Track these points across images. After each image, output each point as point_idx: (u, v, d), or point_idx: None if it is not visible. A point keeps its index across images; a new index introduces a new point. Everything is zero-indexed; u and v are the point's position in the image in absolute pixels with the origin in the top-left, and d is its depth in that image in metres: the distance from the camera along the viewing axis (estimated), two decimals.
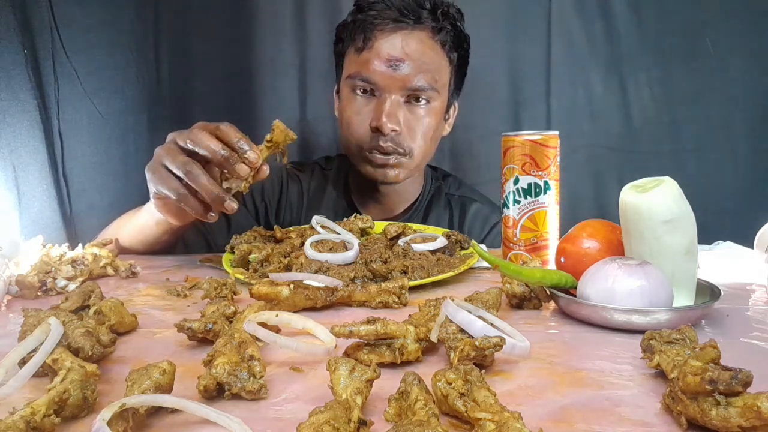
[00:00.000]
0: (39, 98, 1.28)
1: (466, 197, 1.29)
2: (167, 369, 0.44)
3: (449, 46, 1.12)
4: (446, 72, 1.14)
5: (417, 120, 1.12)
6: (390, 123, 1.08)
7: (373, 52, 1.08)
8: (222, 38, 1.44)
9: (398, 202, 1.24)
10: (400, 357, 0.51)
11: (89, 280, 0.83)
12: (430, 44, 1.10)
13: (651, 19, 1.47)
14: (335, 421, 0.36)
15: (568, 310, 0.65)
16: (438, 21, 1.10)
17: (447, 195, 1.29)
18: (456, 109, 1.25)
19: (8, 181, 1.24)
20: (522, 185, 0.83)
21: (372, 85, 1.10)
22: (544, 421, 0.41)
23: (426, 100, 1.11)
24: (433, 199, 1.27)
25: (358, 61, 1.10)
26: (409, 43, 1.08)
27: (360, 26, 1.10)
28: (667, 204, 0.62)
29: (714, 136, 1.50)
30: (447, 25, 1.11)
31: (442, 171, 1.35)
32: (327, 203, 1.26)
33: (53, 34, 1.28)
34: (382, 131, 1.08)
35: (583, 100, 1.51)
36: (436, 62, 1.11)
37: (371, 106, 1.11)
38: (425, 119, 1.12)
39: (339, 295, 0.70)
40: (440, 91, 1.13)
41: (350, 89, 1.13)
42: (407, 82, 1.08)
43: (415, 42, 1.08)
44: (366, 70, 1.09)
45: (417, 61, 1.08)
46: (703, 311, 0.63)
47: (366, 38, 1.09)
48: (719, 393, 0.38)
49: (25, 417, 0.37)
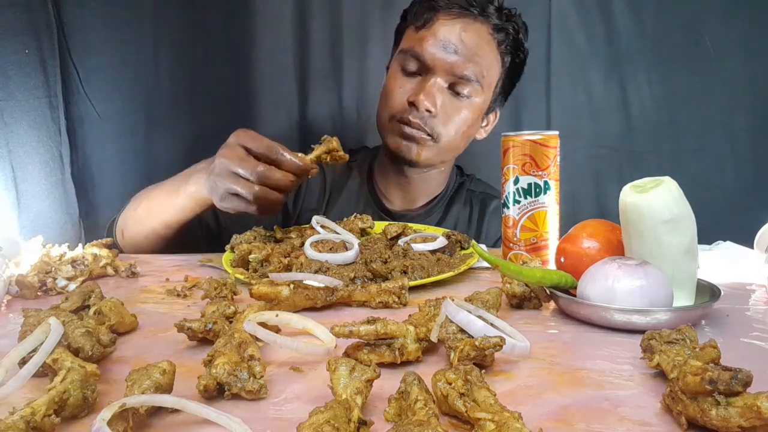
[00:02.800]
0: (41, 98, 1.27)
1: (486, 194, 1.30)
2: (167, 369, 0.44)
3: (506, 48, 1.13)
4: (496, 72, 1.15)
5: (454, 109, 1.12)
6: (427, 101, 1.08)
7: (431, 31, 1.10)
8: (222, 38, 1.44)
9: (422, 191, 1.25)
10: (400, 357, 0.51)
11: (89, 280, 0.83)
12: (487, 39, 1.11)
13: (651, 19, 1.47)
14: (335, 421, 0.36)
15: (568, 310, 0.65)
16: (501, 19, 1.11)
17: (469, 191, 1.30)
18: (497, 117, 1.26)
19: (7, 181, 1.24)
20: (522, 185, 0.83)
21: (421, 63, 1.10)
22: (544, 421, 0.41)
23: (468, 93, 1.11)
24: (456, 194, 1.28)
25: (415, 38, 1.12)
26: (467, 32, 1.09)
27: (426, 6, 1.11)
28: (667, 204, 0.62)
29: (714, 136, 1.50)
30: (509, 28, 1.12)
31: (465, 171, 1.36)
32: (349, 191, 1.26)
33: (58, 34, 1.28)
34: (417, 107, 1.09)
35: (583, 100, 1.51)
36: (488, 58, 1.12)
37: (414, 84, 1.12)
38: (463, 111, 1.13)
39: (339, 295, 0.70)
40: (485, 88, 1.13)
41: (399, 65, 1.14)
42: (455, 68, 1.09)
43: (474, 33, 1.09)
44: (419, 46, 1.10)
45: (470, 51, 1.09)
46: (703, 311, 0.63)
47: (428, 18, 1.10)
48: (719, 393, 0.38)
49: (25, 417, 0.37)
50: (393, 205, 1.25)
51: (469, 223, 1.27)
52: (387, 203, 1.25)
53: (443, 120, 1.12)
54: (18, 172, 1.26)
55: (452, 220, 1.26)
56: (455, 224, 1.25)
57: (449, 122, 1.12)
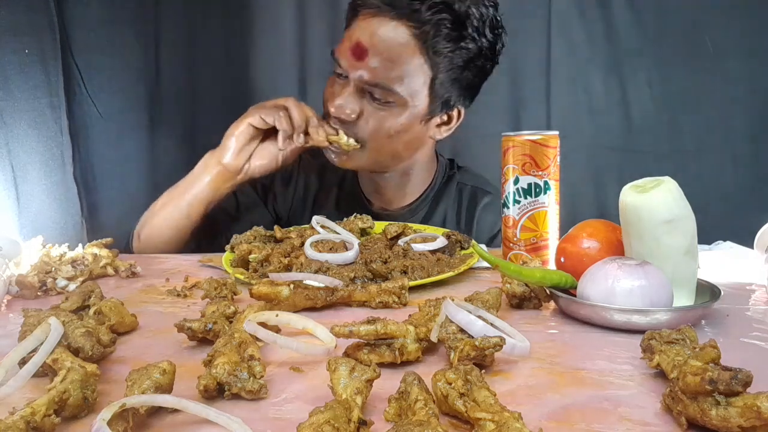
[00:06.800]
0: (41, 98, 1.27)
1: (478, 188, 1.19)
2: (167, 369, 0.44)
3: (440, 45, 0.98)
4: (422, 74, 1.00)
5: (377, 115, 1.02)
6: (339, 109, 1.00)
7: (348, 34, 1.01)
8: (222, 38, 1.44)
9: (401, 194, 1.18)
10: (400, 357, 0.51)
11: (89, 280, 0.83)
12: (405, 39, 0.96)
13: (651, 19, 1.47)
14: (335, 421, 0.36)
15: (568, 310, 0.65)
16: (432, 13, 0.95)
17: (459, 184, 1.20)
18: (461, 116, 1.11)
19: (7, 181, 1.24)
20: (522, 185, 0.83)
21: (340, 67, 1.02)
22: (544, 421, 0.41)
23: (386, 101, 1.00)
24: (444, 189, 1.20)
25: (341, 39, 1.04)
26: (380, 34, 0.96)
27: (351, 4, 1.03)
28: (667, 204, 0.62)
29: (714, 136, 1.50)
30: (445, 21, 0.96)
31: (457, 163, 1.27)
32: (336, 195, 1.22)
33: (60, 34, 1.28)
34: (332, 114, 1.02)
35: (583, 100, 1.51)
36: (408, 62, 0.98)
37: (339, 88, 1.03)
38: (389, 119, 1.02)
39: (339, 295, 0.70)
40: (408, 93, 1.00)
41: (334, 68, 1.06)
42: (366, 75, 0.98)
43: (389, 33, 0.96)
44: (338, 50, 1.02)
45: (384, 55, 0.97)
46: (703, 311, 0.63)
47: (350, 17, 1.02)
48: (719, 393, 0.38)
49: (25, 417, 0.37)
50: (374, 206, 1.19)
51: (457, 221, 1.18)
52: (369, 205, 1.19)
53: (366, 126, 1.02)
54: (18, 172, 1.26)
55: (439, 216, 1.18)
56: (443, 221, 1.17)
57: (374, 128, 1.02)
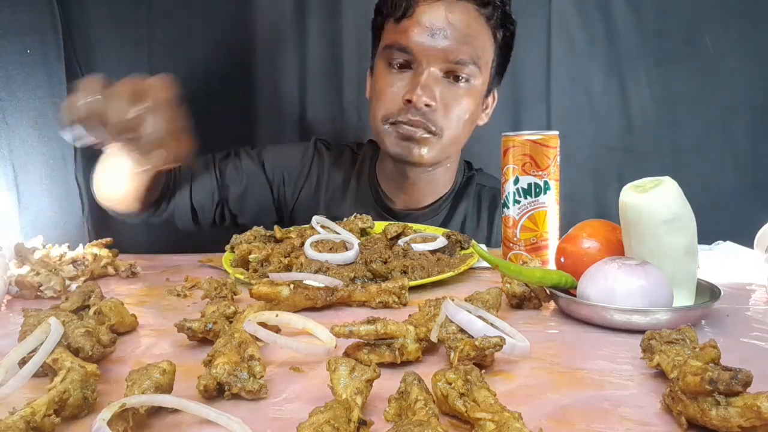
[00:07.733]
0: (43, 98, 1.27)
1: (496, 189, 1.20)
2: (167, 369, 0.44)
3: (495, 22, 1.05)
4: (490, 50, 1.07)
5: (454, 99, 1.04)
6: (425, 96, 1.01)
7: (414, 20, 1.01)
8: (222, 38, 1.44)
9: (427, 192, 1.17)
10: (400, 357, 0.51)
11: (89, 280, 0.83)
12: (475, 16, 1.03)
13: (651, 19, 1.47)
14: (335, 421, 0.36)
15: (568, 310, 0.65)
16: None
17: (478, 186, 1.22)
18: (495, 99, 1.17)
19: (8, 181, 1.24)
20: (522, 185, 0.83)
21: (410, 56, 1.02)
22: (544, 421, 0.41)
23: (466, 78, 1.04)
24: (464, 190, 1.21)
25: (397, 31, 1.03)
26: (453, 13, 1.01)
27: None
28: (667, 204, 0.62)
29: (714, 136, 1.50)
30: (499, 6, 1.04)
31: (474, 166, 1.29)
32: (353, 191, 1.20)
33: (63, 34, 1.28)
34: (416, 105, 1.01)
35: (583, 100, 1.51)
36: (480, 37, 1.04)
37: (406, 80, 1.04)
38: (464, 99, 1.05)
39: (339, 295, 0.70)
40: (482, 69, 1.05)
41: (385, 62, 1.06)
42: (448, 54, 1.01)
43: (460, 12, 1.01)
44: (404, 38, 1.02)
45: (460, 32, 1.01)
46: (703, 311, 0.63)
47: (408, 6, 1.02)
48: (719, 393, 0.38)
49: (25, 417, 0.37)
50: (396, 206, 1.18)
51: (478, 220, 1.20)
52: (390, 203, 1.19)
53: (444, 113, 1.04)
54: (19, 172, 1.26)
55: (459, 217, 1.19)
56: (463, 221, 1.19)
57: (451, 114, 1.04)
